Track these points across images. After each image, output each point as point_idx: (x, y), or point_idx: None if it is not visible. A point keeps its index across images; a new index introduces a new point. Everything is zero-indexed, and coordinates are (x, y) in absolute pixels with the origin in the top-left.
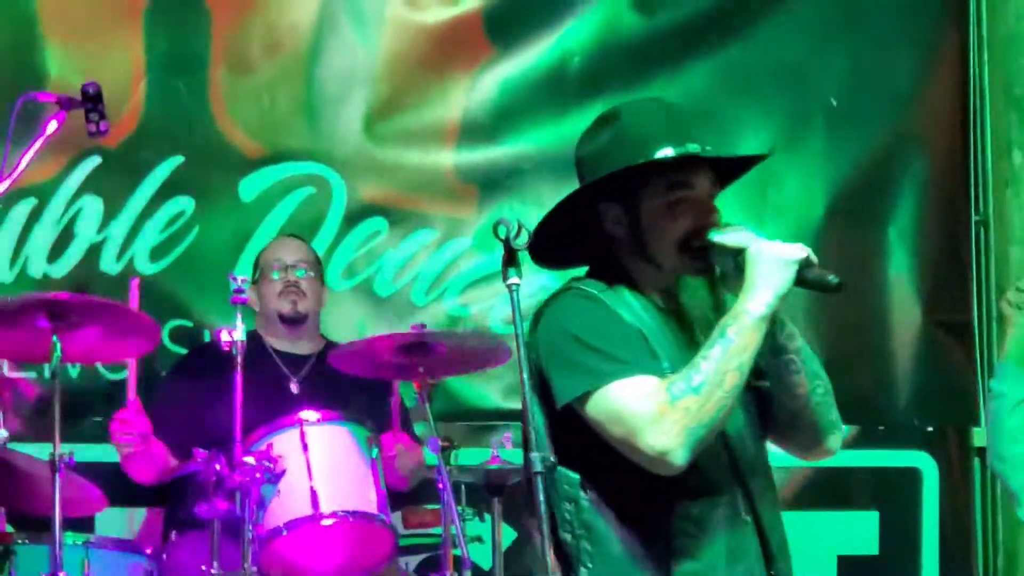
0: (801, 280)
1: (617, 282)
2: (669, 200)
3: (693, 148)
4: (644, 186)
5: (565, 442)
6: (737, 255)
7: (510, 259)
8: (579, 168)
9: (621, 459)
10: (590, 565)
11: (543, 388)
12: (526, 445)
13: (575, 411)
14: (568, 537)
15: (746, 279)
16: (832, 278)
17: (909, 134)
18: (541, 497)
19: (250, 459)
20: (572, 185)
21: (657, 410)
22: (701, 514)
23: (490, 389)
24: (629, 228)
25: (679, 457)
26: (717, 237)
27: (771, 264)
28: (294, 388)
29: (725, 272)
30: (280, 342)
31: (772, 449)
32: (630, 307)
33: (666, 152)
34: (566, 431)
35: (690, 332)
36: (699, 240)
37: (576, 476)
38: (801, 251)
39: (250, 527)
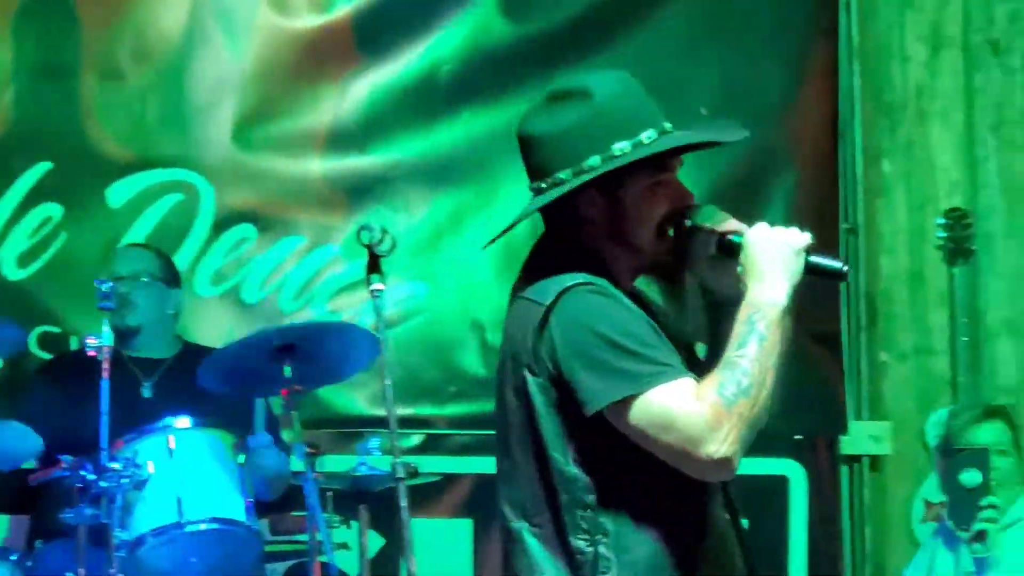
0: (811, 267)
1: (597, 273)
2: (651, 183)
3: (668, 127)
4: (627, 168)
5: (584, 447)
6: (722, 239)
7: (374, 265)
8: (537, 145)
9: (646, 462)
10: (612, 571)
11: (561, 391)
12: (394, 451)
13: (604, 416)
14: (583, 544)
15: (750, 267)
16: (841, 264)
17: (779, 143)
18: (403, 503)
19: (116, 465)
20: (443, 192)
21: (714, 416)
22: (713, 515)
23: (357, 396)
24: (607, 210)
25: (737, 464)
26: (707, 222)
27: (780, 250)
28: (145, 392)
29: (698, 256)
30: (131, 349)
31: None
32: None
33: (649, 134)
34: (588, 436)
35: (658, 323)
36: (683, 222)
37: (590, 480)
38: (804, 237)
39: (116, 533)
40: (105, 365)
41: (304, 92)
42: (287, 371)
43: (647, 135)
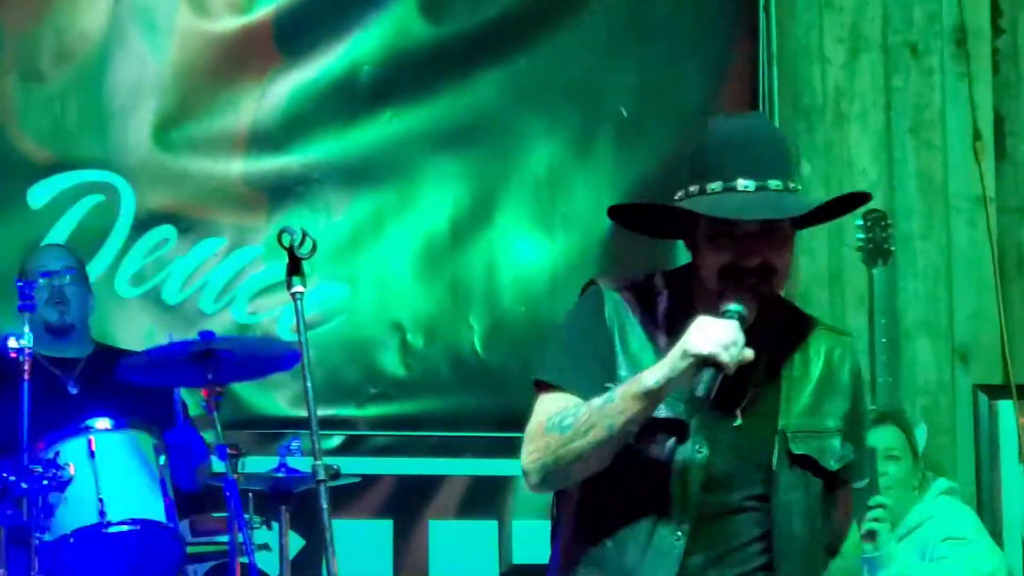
0: (695, 374)
1: (677, 281)
2: (710, 232)
3: (741, 183)
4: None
5: None
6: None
7: (294, 267)
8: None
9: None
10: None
11: None
12: (315, 453)
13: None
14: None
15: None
16: (703, 392)
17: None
18: (324, 504)
19: (37, 467)
20: (363, 193)
21: (534, 431)
22: (648, 528)
23: (277, 397)
24: (693, 241)
25: (531, 482)
26: (724, 303)
27: (685, 342)
28: (72, 389)
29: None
30: (48, 349)
31: None
32: (645, 306)
33: (715, 185)
34: None
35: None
36: (727, 284)
37: None
38: (717, 351)
39: (37, 535)
40: (26, 366)
41: (224, 93)
42: (209, 375)
43: (714, 185)
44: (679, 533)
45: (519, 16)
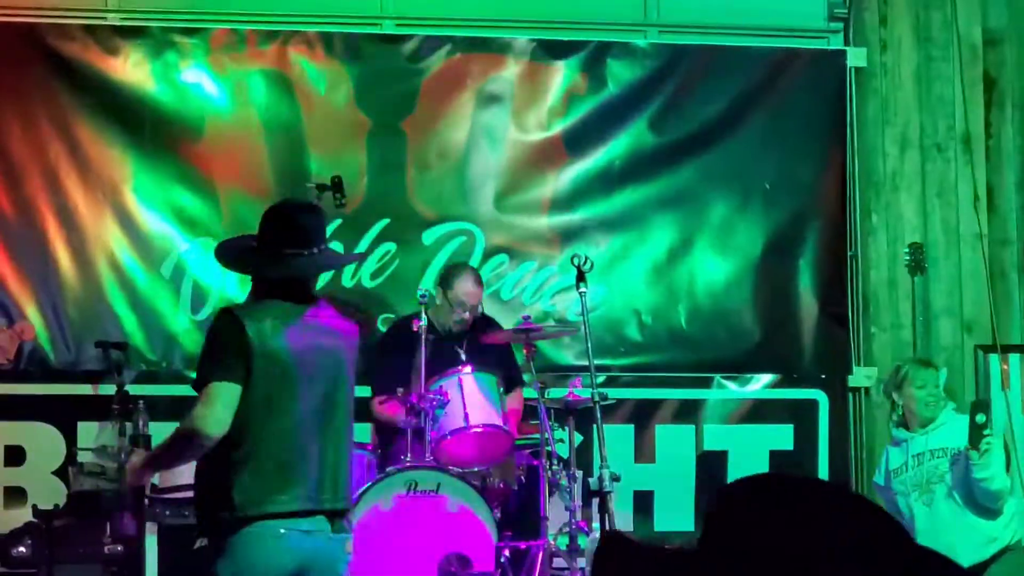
0: None
1: None
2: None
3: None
4: None
5: None
6: None
7: (580, 277)
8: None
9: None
10: None
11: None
12: (592, 385)
13: None
14: None
15: None
16: None
17: (812, 204)
18: (598, 415)
19: (429, 395)
20: (617, 235)
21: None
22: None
23: (567, 353)
24: None
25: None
26: None
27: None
28: (460, 352)
29: None
30: (446, 335)
31: (724, 384)
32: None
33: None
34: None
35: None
36: None
37: None
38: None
39: (428, 433)
40: (422, 336)
41: (535, 177)
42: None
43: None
44: None
45: (707, 131)
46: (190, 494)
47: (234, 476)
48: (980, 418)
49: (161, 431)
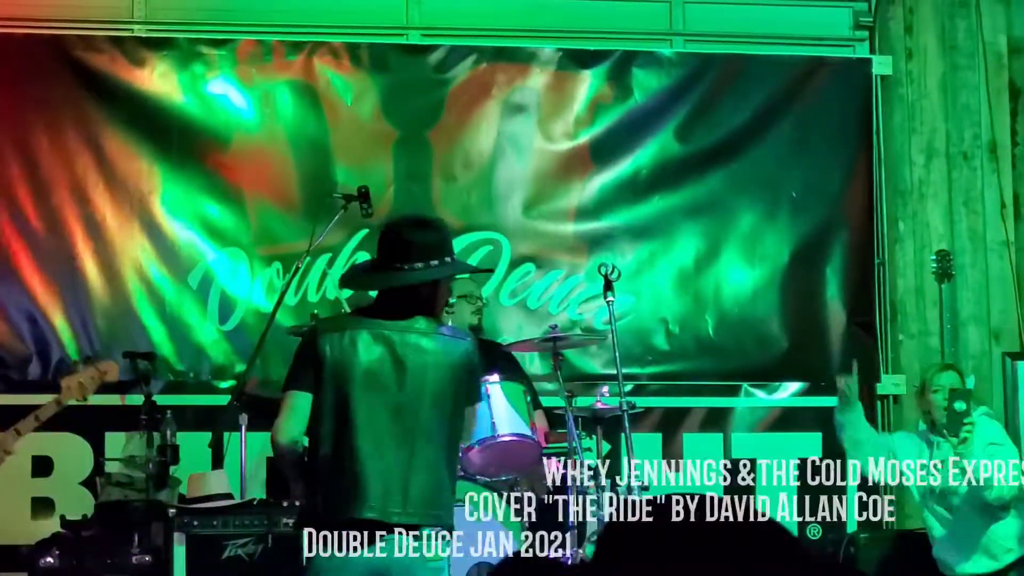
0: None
1: None
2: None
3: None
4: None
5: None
6: None
7: (607, 286)
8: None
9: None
10: None
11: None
12: (619, 394)
13: None
14: None
15: None
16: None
17: (838, 212)
18: (626, 424)
19: None
20: (643, 243)
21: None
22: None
23: (594, 361)
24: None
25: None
26: None
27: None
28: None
29: None
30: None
31: (752, 392)
32: None
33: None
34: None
35: None
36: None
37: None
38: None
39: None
40: None
41: (562, 186)
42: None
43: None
44: None
45: (733, 140)
46: (217, 504)
47: (312, 482)
48: (960, 406)
49: (188, 441)
